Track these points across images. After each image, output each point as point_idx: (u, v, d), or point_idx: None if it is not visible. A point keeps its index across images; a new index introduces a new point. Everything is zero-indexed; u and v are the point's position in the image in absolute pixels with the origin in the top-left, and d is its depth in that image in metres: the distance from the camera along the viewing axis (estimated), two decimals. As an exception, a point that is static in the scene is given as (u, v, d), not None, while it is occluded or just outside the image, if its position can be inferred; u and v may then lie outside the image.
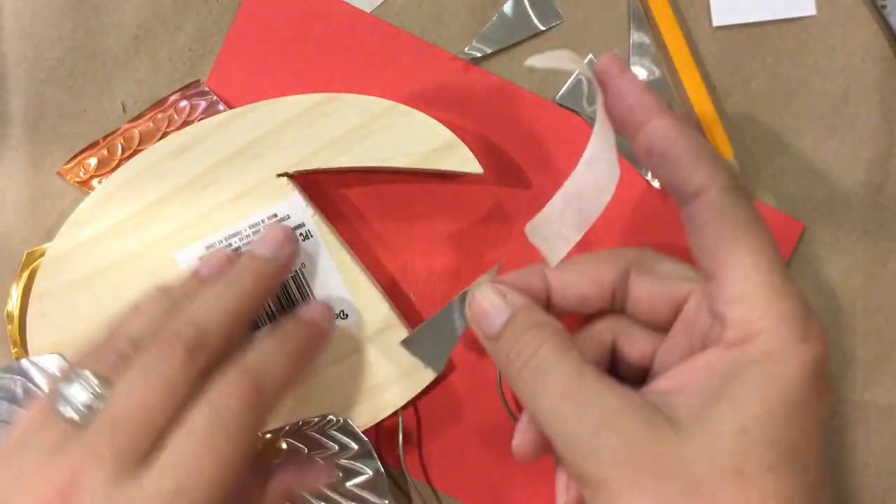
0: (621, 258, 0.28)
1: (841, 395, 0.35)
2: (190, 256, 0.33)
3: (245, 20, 0.35)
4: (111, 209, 0.33)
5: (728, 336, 0.22)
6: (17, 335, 0.34)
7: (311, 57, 0.35)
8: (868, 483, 0.34)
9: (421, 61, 0.35)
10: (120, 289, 0.33)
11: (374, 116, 0.32)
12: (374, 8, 0.35)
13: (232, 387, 0.25)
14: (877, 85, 0.35)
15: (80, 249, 0.33)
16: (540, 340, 0.24)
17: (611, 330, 0.28)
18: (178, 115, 0.35)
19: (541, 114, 0.35)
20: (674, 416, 0.22)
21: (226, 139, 0.33)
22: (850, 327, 0.35)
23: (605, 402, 0.22)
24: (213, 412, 0.24)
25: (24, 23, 0.36)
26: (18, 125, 0.36)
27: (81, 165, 0.35)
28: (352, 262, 0.33)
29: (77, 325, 0.33)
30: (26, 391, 0.32)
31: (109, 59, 0.36)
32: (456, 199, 0.35)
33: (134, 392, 0.24)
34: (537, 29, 0.35)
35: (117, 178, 0.33)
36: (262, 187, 0.32)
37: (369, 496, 0.32)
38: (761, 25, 0.35)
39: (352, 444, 0.32)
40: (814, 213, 0.35)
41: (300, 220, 0.32)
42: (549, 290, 0.28)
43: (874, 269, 0.35)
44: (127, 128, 0.35)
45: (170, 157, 0.33)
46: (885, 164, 0.35)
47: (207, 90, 0.35)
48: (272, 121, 0.32)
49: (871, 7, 0.35)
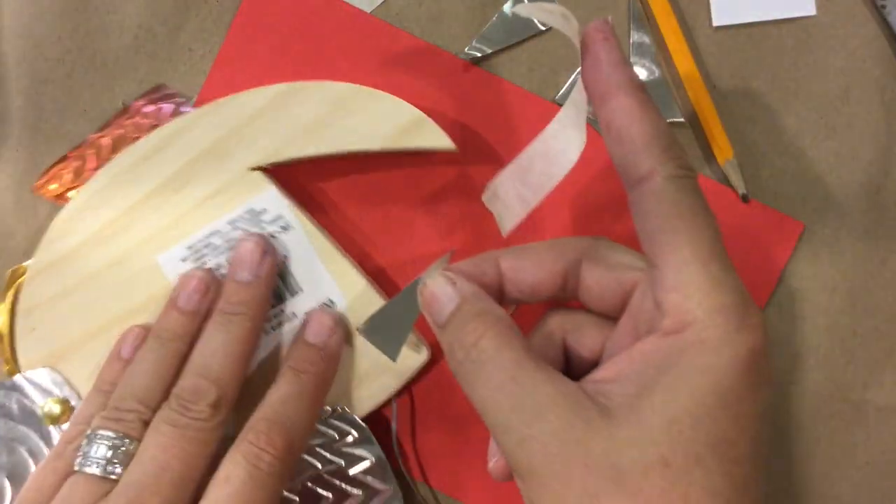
0: (574, 246, 0.28)
1: (841, 395, 0.35)
2: (172, 258, 0.33)
3: (245, 20, 0.35)
4: (88, 219, 0.33)
5: (664, 324, 0.22)
6: (8, 352, 0.34)
7: (311, 57, 0.35)
8: (868, 483, 0.34)
9: (421, 61, 0.35)
10: (105, 296, 0.33)
11: (339, 102, 0.32)
12: (374, 8, 0.35)
13: (262, 440, 0.27)
14: (877, 85, 0.35)
15: (62, 262, 0.33)
16: (482, 330, 0.24)
17: (560, 328, 0.28)
18: (145, 119, 0.35)
19: (541, 114, 0.35)
20: (608, 405, 0.22)
21: (195, 139, 0.33)
22: (850, 327, 0.35)
23: (540, 392, 0.22)
24: (249, 466, 0.27)
25: (24, 22, 0.36)
26: (18, 125, 0.36)
27: (55, 179, 0.35)
28: (334, 249, 0.33)
29: (66, 337, 0.33)
30: (21, 407, 0.33)
31: (110, 59, 0.36)
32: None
33: (171, 444, 0.27)
34: (537, 29, 0.35)
35: (90, 188, 0.33)
36: (236, 183, 0.32)
37: (373, 482, 0.32)
38: (761, 25, 0.35)
39: (351, 431, 0.32)
40: (814, 213, 0.35)
41: (278, 212, 0.32)
42: (501, 278, 0.28)
43: (874, 269, 0.35)
44: (96, 138, 0.35)
45: (141, 161, 0.33)
46: (885, 164, 0.35)
47: (174, 92, 0.35)
48: (239, 116, 0.32)
49: (871, 7, 0.35)
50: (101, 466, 0.27)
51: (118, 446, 0.27)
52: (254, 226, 0.32)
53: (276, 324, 0.33)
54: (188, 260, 0.32)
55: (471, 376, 0.24)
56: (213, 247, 0.32)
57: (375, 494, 0.32)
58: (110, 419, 0.28)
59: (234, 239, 0.32)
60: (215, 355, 0.29)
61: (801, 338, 0.35)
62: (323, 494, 0.32)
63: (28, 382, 0.33)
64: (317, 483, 0.32)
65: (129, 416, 0.28)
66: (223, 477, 0.27)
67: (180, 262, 0.32)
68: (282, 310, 0.32)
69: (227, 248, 0.32)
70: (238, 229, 0.32)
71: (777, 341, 0.35)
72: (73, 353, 0.33)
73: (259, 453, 0.27)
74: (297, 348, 0.31)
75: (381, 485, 0.32)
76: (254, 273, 0.31)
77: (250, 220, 0.32)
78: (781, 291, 0.35)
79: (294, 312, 0.32)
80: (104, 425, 0.28)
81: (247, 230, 0.32)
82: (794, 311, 0.35)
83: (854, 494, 0.35)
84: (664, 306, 0.22)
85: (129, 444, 0.27)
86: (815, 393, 0.35)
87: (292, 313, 0.32)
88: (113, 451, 0.27)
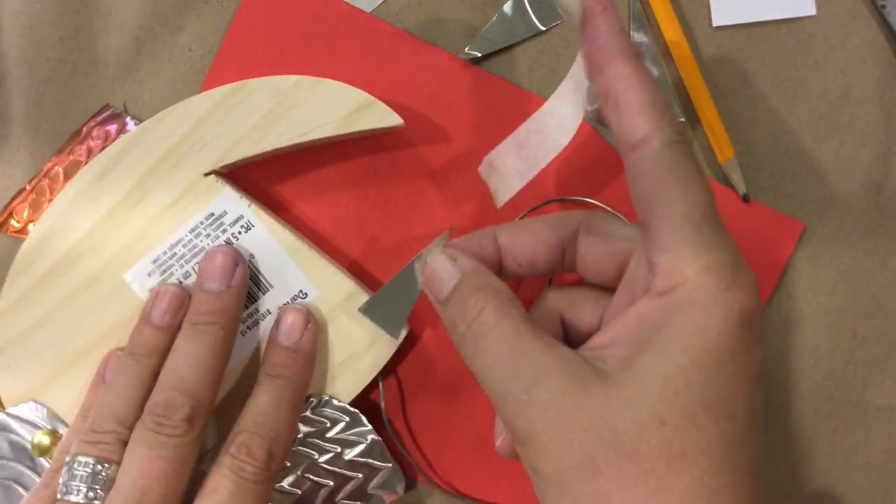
0: (570, 219, 0.28)
1: (841, 395, 0.35)
2: (139, 274, 0.32)
3: (244, 20, 0.35)
4: (50, 247, 0.33)
5: (656, 285, 0.22)
6: None
7: (311, 57, 0.35)
8: (868, 483, 0.34)
9: (421, 61, 0.35)
10: (77, 322, 0.33)
11: (284, 95, 0.32)
12: (374, 8, 0.35)
13: (244, 451, 0.28)
14: (877, 85, 0.35)
15: (29, 294, 0.33)
16: (483, 303, 0.25)
17: (558, 305, 0.29)
18: (95, 141, 0.35)
19: (541, 114, 0.35)
20: (605, 369, 0.22)
21: (145, 152, 0.33)
22: (850, 327, 0.35)
23: (538, 359, 0.23)
24: (235, 476, 0.27)
25: (25, 23, 0.36)
26: (19, 125, 0.36)
27: (13, 215, 0.35)
28: (298, 241, 0.32)
29: (44, 369, 0.33)
30: (11, 444, 0.33)
31: (111, 60, 0.36)
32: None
33: (150, 467, 0.27)
34: (537, 29, 0.35)
35: (49, 216, 0.33)
36: (192, 190, 0.32)
37: (371, 462, 0.33)
38: (761, 25, 0.35)
39: (342, 417, 0.33)
40: (814, 213, 0.35)
41: (238, 213, 0.32)
42: (499, 253, 0.28)
43: (874, 269, 0.35)
44: (49, 167, 0.35)
45: (95, 182, 0.33)
46: (885, 164, 0.35)
47: (119, 112, 0.35)
48: (185, 123, 0.32)
49: (871, 7, 0.35)
50: (82, 493, 0.27)
51: (97, 472, 0.27)
52: (215, 230, 0.32)
53: (251, 323, 0.33)
54: (154, 274, 0.32)
55: (472, 348, 0.24)
56: (177, 256, 0.32)
57: (375, 474, 0.33)
58: (89, 443, 0.28)
59: (197, 246, 0.32)
60: (188, 366, 0.29)
61: (801, 338, 0.35)
62: (324, 482, 0.33)
63: (13, 419, 0.33)
64: (316, 473, 0.33)
65: (108, 438, 0.28)
66: (210, 488, 0.27)
67: (147, 276, 0.32)
68: (256, 309, 0.33)
69: (192, 255, 0.32)
70: (200, 235, 0.32)
71: (777, 341, 0.35)
72: (54, 382, 0.33)
73: (242, 465, 0.27)
74: (271, 352, 0.31)
75: (379, 464, 0.33)
76: (224, 283, 0.31)
77: (211, 224, 0.32)
78: (781, 291, 0.35)
79: (268, 310, 0.33)
80: (82, 451, 0.28)
81: (209, 234, 0.32)
82: (794, 311, 0.35)
83: (854, 494, 0.35)
84: (656, 268, 0.23)
85: (108, 469, 0.27)
86: (815, 393, 0.35)
87: (266, 311, 0.33)
88: (92, 478, 0.27)
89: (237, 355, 0.32)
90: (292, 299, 0.32)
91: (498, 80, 0.35)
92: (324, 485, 0.33)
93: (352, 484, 0.33)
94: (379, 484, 0.33)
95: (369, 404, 0.34)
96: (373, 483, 0.33)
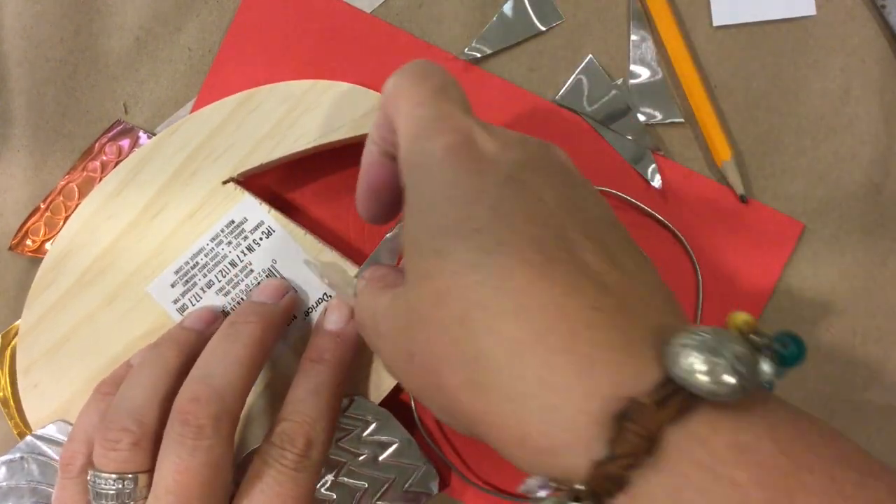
0: None
1: (841, 395, 0.35)
2: (161, 285, 0.32)
3: (244, 20, 0.35)
4: (70, 264, 0.33)
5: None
6: (16, 415, 0.34)
7: (311, 57, 0.35)
8: (868, 483, 0.34)
9: (421, 61, 0.35)
10: (102, 337, 0.32)
11: (297, 100, 0.32)
12: (374, 8, 0.35)
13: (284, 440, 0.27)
14: (877, 85, 0.35)
15: (52, 313, 0.32)
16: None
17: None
18: (108, 157, 0.35)
19: (541, 114, 0.35)
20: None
21: (160, 164, 0.32)
22: (850, 327, 0.35)
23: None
24: (276, 464, 0.27)
25: (26, 23, 0.36)
26: (20, 126, 0.36)
27: (28, 234, 0.35)
28: (319, 244, 0.32)
29: (71, 386, 0.32)
30: (40, 465, 0.32)
31: (111, 60, 0.36)
32: None
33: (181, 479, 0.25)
34: (537, 29, 0.35)
35: (67, 233, 0.33)
36: (211, 199, 0.32)
37: (404, 462, 0.32)
38: (761, 25, 0.35)
39: (373, 418, 0.32)
40: (814, 213, 0.35)
41: (259, 219, 0.32)
42: None
43: (874, 269, 0.35)
44: (63, 184, 0.35)
45: (112, 196, 0.33)
46: (885, 164, 0.35)
47: (131, 126, 0.35)
48: (199, 134, 0.32)
49: (871, 7, 0.35)
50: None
51: (121, 490, 0.26)
52: (237, 237, 0.32)
53: None
54: (177, 284, 0.32)
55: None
56: (200, 266, 0.32)
57: (410, 474, 0.33)
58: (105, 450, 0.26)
59: (219, 255, 0.32)
60: (218, 362, 0.27)
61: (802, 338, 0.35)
62: (359, 485, 0.32)
63: (41, 440, 0.32)
64: (350, 476, 0.32)
65: (122, 445, 0.26)
66: (252, 476, 0.27)
67: (170, 287, 0.32)
68: None
69: (214, 264, 0.32)
70: (222, 243, 0.32)
71: (777, 341, 0.35)
72: (81, 400, 0.32)
73: (282, 453, 0.27)
74: (314, 338, 0.31)
75: (413, 463, 0.32)
76: (273, 299, 0.31)
77: (232, 232, 0.32)
78: (781, 291, 0.35)
79: (294, 315, 0.32)
80: (100, 463, 0.26)
81: (230, 242, 0.32)
82: (794, 311, 0.35)
83: (854, 494, 0.35)
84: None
85: (129, 481, 0.26)
86: (815, 393, 0.35)
87: (292, 316, 0.33)
88: (117, 496, 0.26)
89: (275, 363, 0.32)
90: (317, 303, 0.32)
91: (498, 80, 0.35)
92: (359, 487, 0.32)
93: (386, 486, 0.32)
94: (413, 483, 0.33)
95: (399, 404, 0.34)
96: (407, 483, 0.33)
